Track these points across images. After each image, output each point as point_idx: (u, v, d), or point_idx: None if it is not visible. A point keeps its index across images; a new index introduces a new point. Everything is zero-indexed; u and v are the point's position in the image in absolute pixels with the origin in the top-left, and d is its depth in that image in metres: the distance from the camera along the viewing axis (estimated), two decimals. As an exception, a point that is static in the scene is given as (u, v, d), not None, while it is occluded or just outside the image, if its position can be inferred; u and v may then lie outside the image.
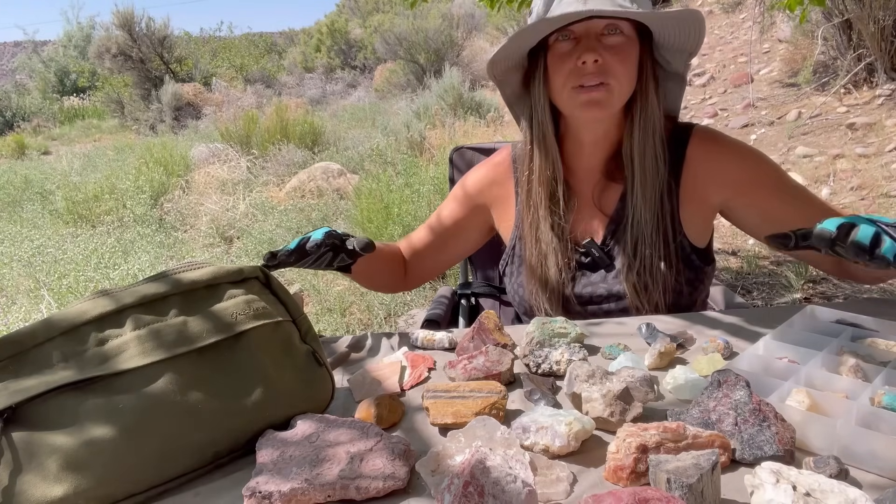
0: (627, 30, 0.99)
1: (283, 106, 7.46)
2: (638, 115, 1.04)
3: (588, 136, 1.08)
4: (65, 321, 0.65)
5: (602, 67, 0.97)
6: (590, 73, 0.97)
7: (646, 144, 1.04)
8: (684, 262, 1.08)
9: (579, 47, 0.98)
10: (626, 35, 0.99)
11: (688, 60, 1.06)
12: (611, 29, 0.98)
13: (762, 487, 0.55)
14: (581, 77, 0.98)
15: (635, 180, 1.05)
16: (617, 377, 0.72)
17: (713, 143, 1.08)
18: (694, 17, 0.96)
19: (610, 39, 0.98)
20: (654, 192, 1.05)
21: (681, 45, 1.02)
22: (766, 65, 6.16)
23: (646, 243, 1.05)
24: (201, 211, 5.02)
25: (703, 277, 1.11)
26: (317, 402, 0.75)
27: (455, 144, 1.75)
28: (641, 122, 1.04)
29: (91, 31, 21.19)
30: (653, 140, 1.04)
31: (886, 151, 3.93)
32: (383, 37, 12.10)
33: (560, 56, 1.00)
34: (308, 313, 1.75)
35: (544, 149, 1.08)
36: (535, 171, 1.10)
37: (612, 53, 0.97)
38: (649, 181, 1.05)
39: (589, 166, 1.11)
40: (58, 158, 9.17)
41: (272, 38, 25.20)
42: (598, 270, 1.10)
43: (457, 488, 0.53)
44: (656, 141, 1.05)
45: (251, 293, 0.74)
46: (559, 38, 1.00)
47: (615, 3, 0.96)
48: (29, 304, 3.32)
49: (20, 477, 0.58)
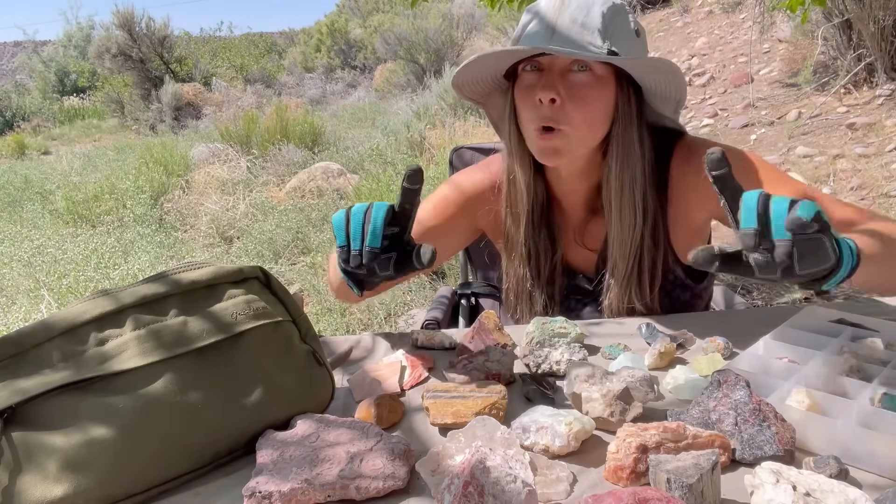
0: (600, 70, 0.92)
1: (283, 106, 7.46)
2: (614, 161, 0.97)
3: (563, 171, 1.03)
4: (64, 321, 0.65)
5: (559, 110, 0.91)
6: (545, 116, 0.91)
7: (623, 193, 0.98)
8: (679, 288, 1.06)
9: (540, 82, 0.92)
10: (597, 75, 0.92)
11: (677, 109, 0.99)
12: (580, 66, 0.91)
13: (762, 487, 0.55)
14: (539, 118, 0.92)
15: (612, 228, 1.01)
16: (617, 377, 0.72)
17: (692, 159, 1.00)
18: (666, 66, 0.89)
19: (576, 77, 0.91)
20: (635, 236, 1.00)
21: (664, 92, 0.95)
22: (766, 65, 6.16)
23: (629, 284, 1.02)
24: (201, 211, 5.02)
25: (701, 293, 1.09)
26: (317, 402, 0.75)
27: (455, 145, 1.74)
28: (617, 170, 0.97)
29: (91, 31, 21.17)
30: (631, 186, 0.98)
31: (886, 151, 3.93)
32: (383, 37, 12.10)
33: (524, 88, 0.95)
34: (308, 313, 1.75)
35: (515, 182, 1.04)
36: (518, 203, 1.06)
37: (572, 94, 0.91)
38: (626, 229, 0.99)
39: (572, 199, 1.07)
40: (58, 158, 9.17)
41: (272, 38, 25.19)
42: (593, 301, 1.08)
43: (457, 488, 0.53)
44: (636, 186, 0.98)
45: (251, 293, 0.74)
46: (527, 66, 0.95)
47: (580, 44, 0.89)
48: (29, 304, 3.32)
49: (20, 477, 0.58)
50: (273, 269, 3.80)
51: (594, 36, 0.89)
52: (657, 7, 9.67)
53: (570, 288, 1.11)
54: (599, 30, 0.89)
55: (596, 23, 0.89)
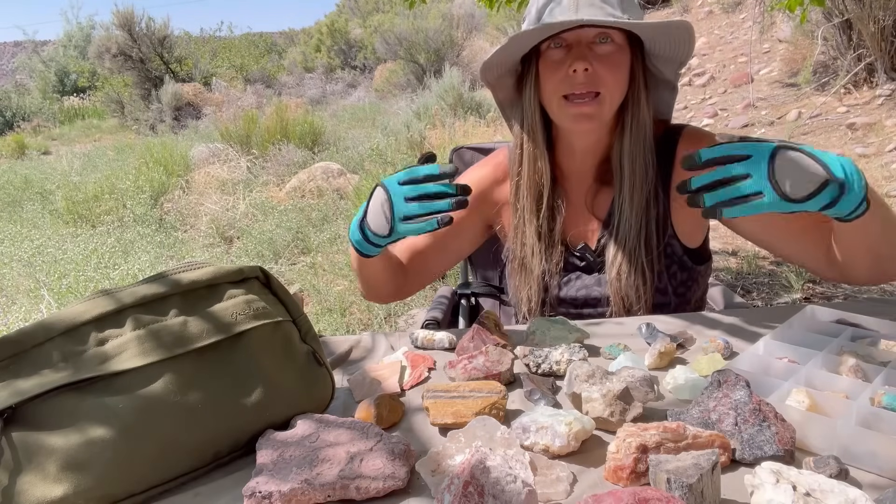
0: (619, 39, 1.00)
1: (283, 106, 7.46)
2: (629, 122, 1.04)
3: (579, 144, 1.09)
4: (65, 321, 0.65)
5: (592, 77, 0.98)
6: (580, 83, 0.98)
7: (635, 151, 1.05)
8: (677, 265, 1.09)
9: (570, 55, 0.99)
10: (618, 44, 1.00)
11: (679, 69, 1.06)
12: (602, 38, 0.99)
13: (762, 487, 0.55)
14: (572, 86, 0.99)
15: (624, 186, 1.06)
16: (617, 377, 0.72)
17: (700, 144, 1.07)
18: (683, 27, 0.97)
19: (601, 48, 0.99)
20: (641, 198, 1.06)
21: (671, 54, 1.03)
22: (766, 65, 6.17)
23: (631, 247, 1.06)
24: (201, 211, 5.02)
25: (697, 277, 1.12)
26: (317, 402, 0.75)
27: (455, 145, 1.74)
28: (632, 130, 1.04)
29: (91, 31, 21.15)
30: (642, 147, 1.05)
31: (886, 151, 3.93)
32: (383, 37, 12.10)
33: (551, 64, 1.01)
34: (308, 313, 1.75)
35: (533, 155, 1.09)
36: (523, 175, 1.11)
37: (602, 62, 0.98)
38: (637, 187, 1.05)
39: (581, 171, 1.12)
40: (58, 158, 9.17)
41: (272, 38, 25.19)
42: (592, 273, 1.11)
43: (457, 488, 0.53)
44: (646, 147, 1.05)
45: (251, 293, 0.74)
46: (551, 45, 1.01)
47: (606, 13, 0.97)
48: (29, 304, 3.31)
49: (20, 477, 0.58)
50: (273, 269, 3.80)
51: (615, 8, 0.99)
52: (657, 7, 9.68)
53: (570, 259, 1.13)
54: (618, 2, 0.99)
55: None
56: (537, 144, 1.09)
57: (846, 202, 0.75)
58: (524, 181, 1.11)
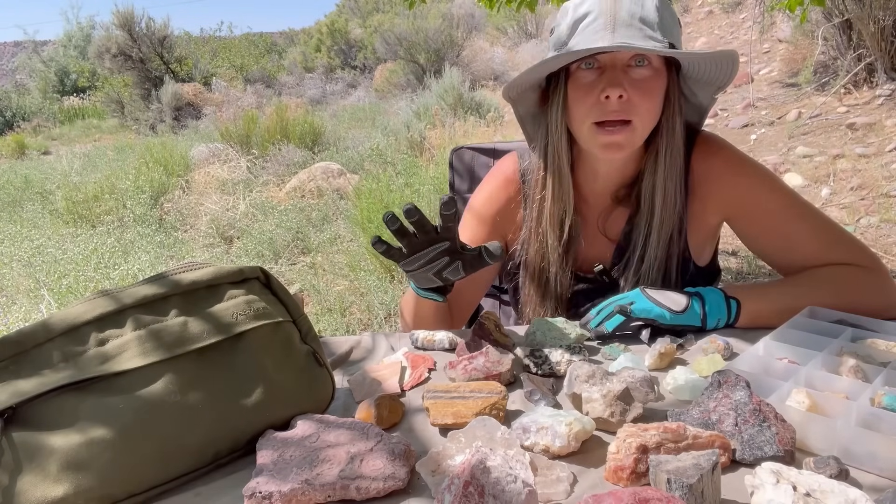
0: (656, 62, 0.93)
1: (283, 106, 7.46)
2: (663, 150, 0.99)
3: (604, 169, 1.05)
4: (65, 321, 0.65)
5: (626, 104, 0.91)
6: (613, 111, 0.91)
7: (669, 185, 0.99)
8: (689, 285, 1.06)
9: (603, 79, 0.92)
10: (655, 67, 0.93)
11: (715, 94, 1.00)
12: (638, 60, 0.92)
13: (762, 488, 0.55)
14: (604, 113, 0.92)
15: (654, 219, 1.01)
16: (617, 377, 0.72)
17: (714, 160, 1.03)
18: (729, 56, 0.91)
19: (637, 72, 0.92)
20: (669, 230, 1.02)
21: (711, 78, 0.97)
22: (766, 65, 6.17)
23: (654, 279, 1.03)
24: (201, 211, 5.02)
25: None
26: (317, 402, 0.75)
27: (455, 145, 1.73)
28: (666, 160, 0.99)
29: (91, 31, 21.16)
30: (675, 177, 1.00)
31: (886, 151, 3.93)
32: (383, 37, 12.11)
33: (582, 86, 0.94)
34: (308, 313, 1.75)
35: (558, 180, 1.04)
36: (546, 199, 1.06)
37: (637, 88, 0.91)
38: (666, 221, 1.01)
39: (601, 193, 1.08)
40: (58, 158, 9.17)
41: (272, 38, 25.19)
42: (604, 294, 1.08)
43: (457, 488, 0.53)
44: (677, 177, 1.00)
45: (251, 293, 0.74)
46: (582, 65, 0.94)
47: (645, 35, 0.90)
48: (29, 304, 3.31)
49: (20, 477, 0.58)
50: (273, 269, 3.80)
51: (654, 30, 0.91)
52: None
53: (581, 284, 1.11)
54: (657, 23, 0.91)
55: (653, 16, 0.91)
56: (562, 170, 1.03)
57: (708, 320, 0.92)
58: (547, 206, 1.06)
